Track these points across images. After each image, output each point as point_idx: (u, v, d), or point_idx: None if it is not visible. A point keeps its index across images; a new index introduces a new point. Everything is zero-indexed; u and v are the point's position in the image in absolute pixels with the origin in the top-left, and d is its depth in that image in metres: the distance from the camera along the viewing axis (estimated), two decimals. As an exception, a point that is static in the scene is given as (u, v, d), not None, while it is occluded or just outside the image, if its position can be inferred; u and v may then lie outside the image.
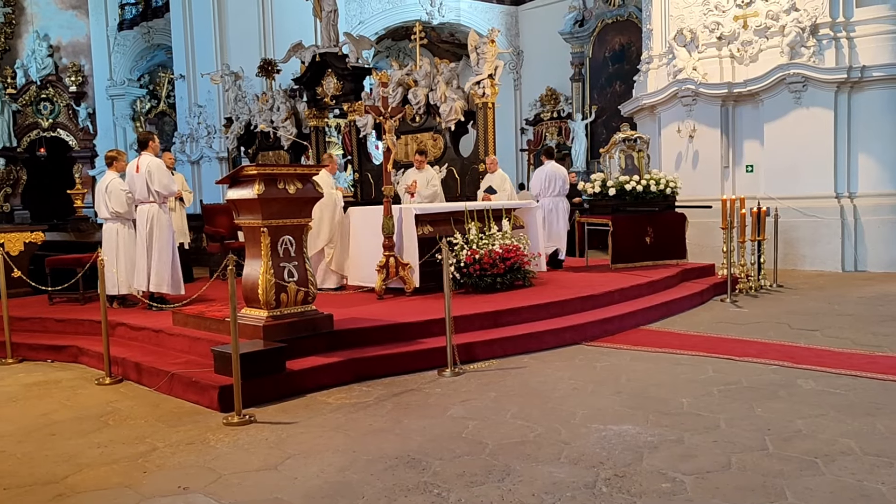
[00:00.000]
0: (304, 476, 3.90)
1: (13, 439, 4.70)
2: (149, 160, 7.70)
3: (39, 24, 25.27)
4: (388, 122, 8.23)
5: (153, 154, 7.83)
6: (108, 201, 7.91)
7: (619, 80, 20.56)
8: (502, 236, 8.37)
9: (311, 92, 13.18)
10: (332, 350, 6.03)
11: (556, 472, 3.81)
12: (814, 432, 4.29)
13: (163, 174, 7.68)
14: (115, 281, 7.79)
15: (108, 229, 8.03)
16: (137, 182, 7.70)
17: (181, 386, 5.53)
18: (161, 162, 7.85)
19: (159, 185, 7.65)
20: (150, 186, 7.63)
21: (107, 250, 7.84)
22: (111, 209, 7.92)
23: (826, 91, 11.77)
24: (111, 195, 7.90)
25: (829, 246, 11.62)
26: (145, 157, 7.74)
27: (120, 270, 7.88)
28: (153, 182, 7.62)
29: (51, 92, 25.25)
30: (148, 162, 7.68)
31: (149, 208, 7.71)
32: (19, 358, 7.06)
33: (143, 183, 7.65)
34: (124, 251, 7.95)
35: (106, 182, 7.99)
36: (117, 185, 7.95)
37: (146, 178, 7.63)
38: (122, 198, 7.89)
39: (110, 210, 7.93)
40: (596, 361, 6.24)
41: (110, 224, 8.01)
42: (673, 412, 4.76)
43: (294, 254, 6.04)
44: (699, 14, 13.14)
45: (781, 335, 7.07)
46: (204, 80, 18.46)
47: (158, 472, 4.03)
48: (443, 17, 22.58)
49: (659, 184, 10.38)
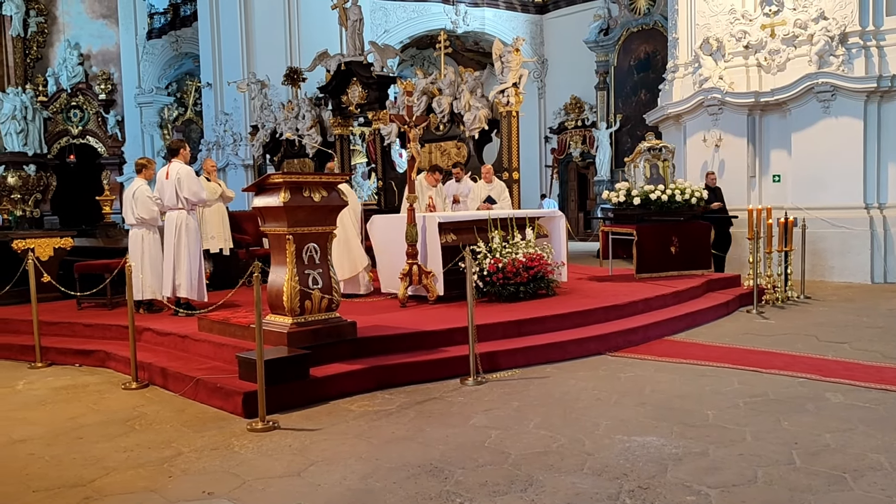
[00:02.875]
0: (327, 483, 3.92)
1: (42, 442, 4.76)
2: (179, 167, 7.77)
3: (70, 33, 25.77)
4: (412, 130, 8.26)
5: (183, 161, 7.90)
6: (134, 208, 8.01)
7: (644, 89, 20.48)
8: (526, 245, 8.34)
9: (336, 100, 13.29)
10: (356, 357, 6.05)
11: (580, 484, 3.78)
12: (842, 447, 4.22)
13: (192, 182, 7.75)
14: (140, 286, 7.90)
15: (134, 235, 8.14)
16: (167, 189, 7.77)
17: (206, 391, 5.58)
18: (190, 169, 7.90)
19: (188, 191, 7.71)
20: (178, 193, 7.71)
21: (133, 256, 7.93)
22: (137, 216, 8.03)
23: (855, 100, 11.63)
24: (137, 202, 8.00)
25: (858, 257, 11.46)
26: (175, 164, 7.81)
27: (146, 276, 7.97)
28: (182, 189, 7.68)
29: (81, 100, 25.70)
30: (178, 169, 7.75)
31: (177, 215, 7.77)
32: (48, 362, 7.16)
33: (172, 190, 7.72)
34: (150, 257, 8.05)
35: (133, 189, 8.10)
36: (144, 192, 8.05)
37: (175, 184, 7.71)
38: (148, 204, 7.99)
39: (136, 216, 8.03)
40: (620, 372, 6.20)
41: (136, 230, 8.11)
42: (698, 424, 4.72)
43: (319, 261, 6.07)
44: (726, 23, 13.05)
45: (809, 347, 6.97)
46: (230, 88, 18.70)
47: (183, 477, 4.06)
48: (467, 26, 22.67)
49: (684, 193, 10.31)
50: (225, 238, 9.77)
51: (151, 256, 8.06)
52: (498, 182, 10.65)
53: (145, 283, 7.97)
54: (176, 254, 7.74)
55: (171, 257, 7.78)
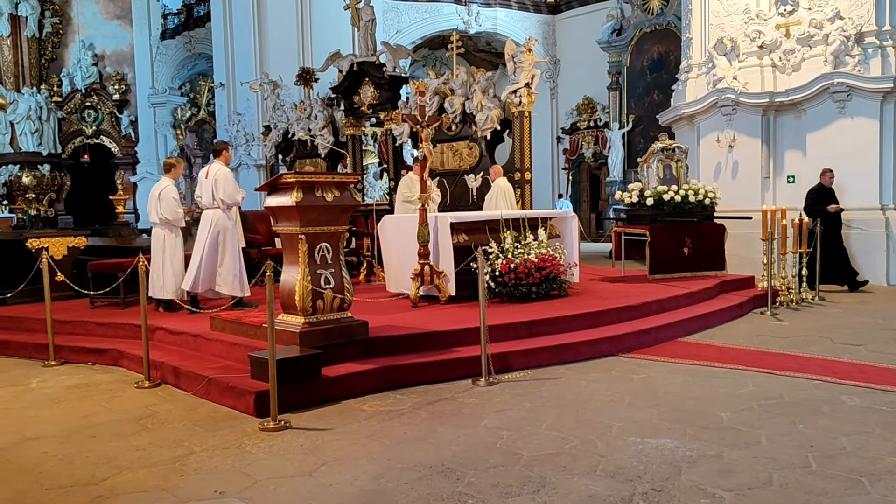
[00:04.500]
0: (339, 483, 3.91)
1: (55, 440, 4.78)
2: (218, 168, 7.82)
3: (85, 34, 25.96)
4: (424, 130, 8.25)
5: (224, 163, 7.95)
6: (158, 208, 8.04)
7: (657, 90, 20.41)
8: (538, 245, 8.32)
9: (348, 100, 13.28)
10: (367, 357, 6.04)
11: (592, 486, 3.76)
12: (859, 450, 4.17)
13: (228, 183, 7.77)
14: (159, 286, 7.95)
15: (155, 234, 8.17)
16: (205, 187, 7.83)
17: (218, 391, 5.58)
18: (228, 171, 7.93)
19: (224, 193, 7.72)
20: (214, 193, 7.75)
21: (154, 255, 8.02)
22: (161, 216, 8.04)
23: (871, 100, 11.52)
24: (162, 202, 8.02)
25: (874, 259, 11.35)
26: (216, 165, 7.86)
27: (166, 275, 8.02)
28: (218, 190, 7.72)
29: (95, 100, 25.88)
30: (217, 170, 7.80)
31: (213, 213, 7.79)
32: (61, 360, 7.20)
33: (209, 189, 7.77)
34: (170, 257, 8.08)
35: (160, 189, 8.10)
36: (170, 192, 8.06)
37: (212, 185, 7.75)
38: (173, 206, 8.02)
39: (160, 216, 8.06)
40: (633, 373, 6.16)
41: (158, 229, 8.14)
42: (712, 426, 4.68)
43: (331, 261, 6.08)
44: (740, 23, 12.96)
45: (824, 350, 6.91)
46: (243, 88, 18.76)
47: (195, 476, 4.07)
48: (479, 26, 22.65)
49: (697, 194, 10.25)
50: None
51: (172, 257, 8.10)
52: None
53: (166, 283, 8.02)
54: (204, 249, 7.72)
55: (200, 253, 7.75)
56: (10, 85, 24.84)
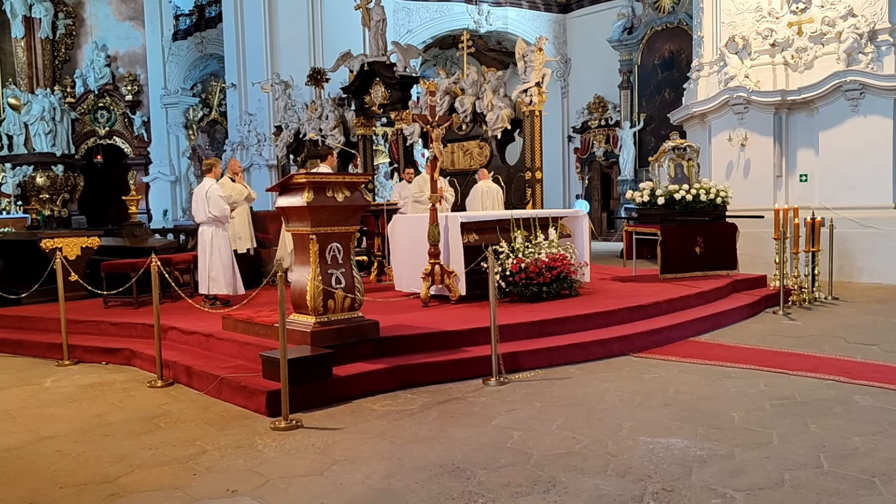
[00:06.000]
0: (350, 482, 3.92)
1: (69, 439, 4.83)
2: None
3: (98, 35, 26.12)
4: (435, 130, 8.26)
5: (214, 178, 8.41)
6: (207, 206, 8.25)
7: (669, 88, 20.31)
8: (548, 245, 8.30)
9: (359, 100, 13.32)
10: (378, 357, 6.06)
11: (603, 485, 3.76)
12: (871, 450, 4.15)
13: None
14: (210, 280, 8.26)
15: (203, 232, 8.39)
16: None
17: (230, 390, 5.62)
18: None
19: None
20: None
21: (201, 252, 8.32)
22: (209, 214, 8.26)
23: (885, 98, 11.44)
24: (210, 200, 8.24)
25: (887, 258, 11.26)
26: (206, 182, 8.36)
27: (216, 271, 8.26)
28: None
29: (108, 101, 26.04)
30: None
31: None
32: (75, 360, 7.26)
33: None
34: (220, 254, 8.31)
35: (205, 188, 8.33)
36: (216, 190, 8.30)
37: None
38: (220, 203, 8.26)
39: (208, 214, 8.28)
40: (644, 373, 6.15)
41: (206, 227, 8.36)
42: (723, 426, 4.66)
43: (342, 261, 6.09)
44: (752, 21, 12.89)
45: (837, 349, 6.87)
46: (255, 88, 18.83)
47: (207, 475, 4.10)
48: (490, 26, 22.61)
49: (709, 193, 10.20)
50: (250, 238, 9.91)
51: (221, 253, 8.33)
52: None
53: (217, 279, 8.26)
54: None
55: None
56: (24, 86, 25.03)
